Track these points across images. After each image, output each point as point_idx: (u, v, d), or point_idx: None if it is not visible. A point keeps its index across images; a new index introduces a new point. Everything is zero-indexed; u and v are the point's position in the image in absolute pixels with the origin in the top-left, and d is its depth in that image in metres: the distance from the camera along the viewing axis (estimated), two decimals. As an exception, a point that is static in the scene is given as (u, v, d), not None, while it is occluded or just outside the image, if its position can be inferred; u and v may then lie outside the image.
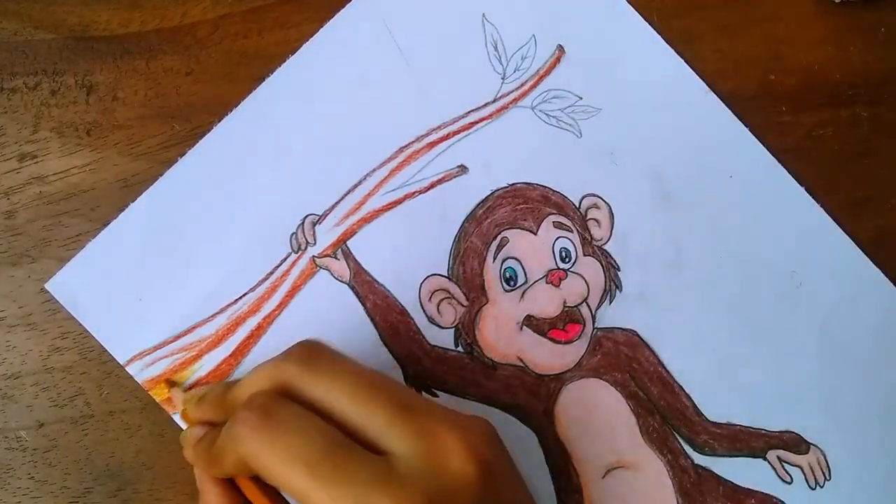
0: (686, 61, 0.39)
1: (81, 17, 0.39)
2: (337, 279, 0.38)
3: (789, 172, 0.39)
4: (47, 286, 0.37)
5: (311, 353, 0.30)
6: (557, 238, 0.39)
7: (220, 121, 0.38)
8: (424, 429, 0.28)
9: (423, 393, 0.37)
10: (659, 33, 0.39)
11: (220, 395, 0.32)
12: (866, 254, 0.39)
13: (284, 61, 0.39)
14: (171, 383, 0.37)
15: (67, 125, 0.38)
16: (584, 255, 0.39)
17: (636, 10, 0.39)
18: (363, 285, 0.38)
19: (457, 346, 0.38)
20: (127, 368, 0.37)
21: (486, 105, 0.39)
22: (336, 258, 0.38)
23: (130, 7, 0.39)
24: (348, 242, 0.38)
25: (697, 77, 0.39)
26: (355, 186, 0.38)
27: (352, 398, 0.28)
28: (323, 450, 0.27)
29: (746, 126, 0.39)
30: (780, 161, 0.39)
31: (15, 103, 0.38)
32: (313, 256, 0.38)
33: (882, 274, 0.39)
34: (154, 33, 0.39)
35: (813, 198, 0.39)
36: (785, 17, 0.40)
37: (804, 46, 0.40)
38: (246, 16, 0.39)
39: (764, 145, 0.39)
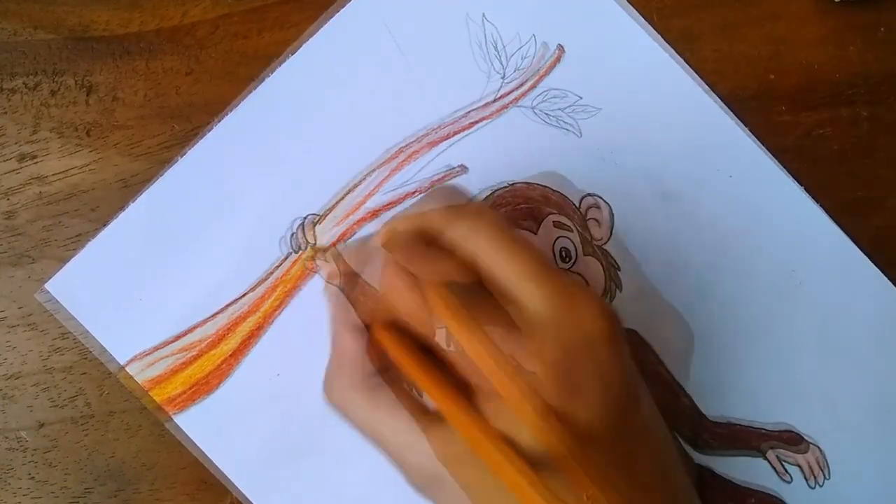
0: (686, 61, 0.39)
1: (81, 18, 0.39)
2: (328, 282, 0.38)
3: (789, 172, 0.39)
4: (47, 286, 0.37)
5: (453, 196, 0.30)
6: (557, 238, 0.38)
7: (219, 121, 0.38)
8: (558, 285, 0.28)
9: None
10: (659, 33, 0.39)
11: (359, 246, 0.33)
12: (866, 254, 0.39)
13: (284, 61, 0.39)
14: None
15: (67, 125, 0.38)
16: (585, 254, 0.38)
17: (636, 9, 0.39)
18: (353, 288, 0.38)
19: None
20: (127, 369, 0.37)
21: (486, 105, 0.39)
22: (326, 260, 0.38)
23: (130, 7, 0.39)
24: (338, 246, 0.38)
25: (697, 77, 0.39)
26: (355, 186, 0.38)
27: (492, 244, 0.28)
28: (460, 301, 0.27)
29: (746, 126, 0.39)
30: (779, 161, 0.39)
31: (15, 103, 0.38)
32: (311, 257, 0.38)
33: (881, 273, 0.39)
34: (154, 33, 0.39)
35: (812, 197, 0.39)
36: (785, 16, 0.40)
37: (804, 46, 0.40)
38: (246, 16, 0.39)
39: (763, 145, 0.39)
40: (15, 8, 0.39)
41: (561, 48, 0.39)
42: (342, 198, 0.38)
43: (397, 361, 0.30)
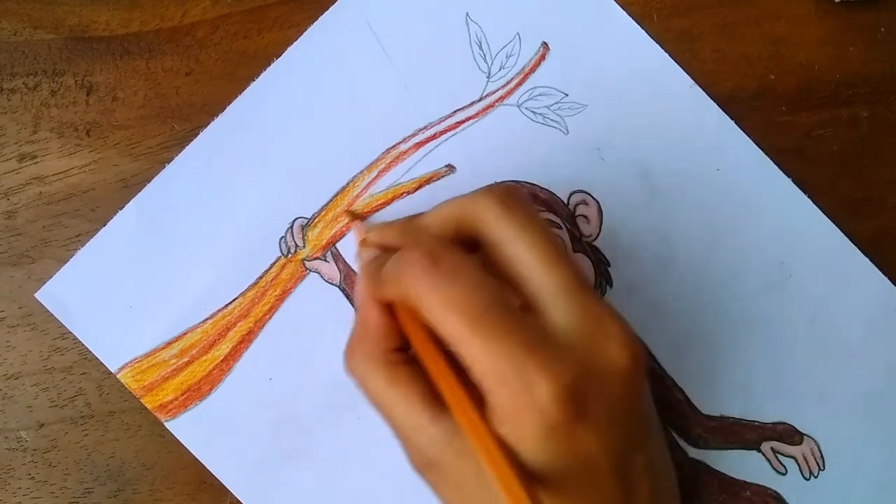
0: (686, 61, 0.39)
1: (81, 18, 0.39)
2: (327, 282, 0.38)
3: (789, 172, 0.39)
4: (37, 296, 0.37)
5: (508, 194, 0.29)
6: (548, 235, 0.38)
7: (205, 127, 0.38)
8: (591, 308, 0.28)
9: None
10: (658, 33, 0.39)
11: (404, 223, 0.32)
12: (866, 254, 0.39)
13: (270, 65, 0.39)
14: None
15: (67, 125, 0.38)
16: (574, 251, 0.38)
17: (634, 9, 0.39)
18: (353, 287, 0.38)
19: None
20: (118, 376, 0.37)
21: (472, 104, 0.39)
22: (325, 260, 0.38)
23: (130, 7, 0.39)
24: (338, 244, 0.38)
25: (682, 70, 0.39)
26: (344, 188, 0.38)
27: (533, 253, 0.28)
28: (485, 305, 0.27)
29: (746, 126, 0.39)
30: (779, 161, 0.39)
31: (15, 103, 0.38)
32: (303, 259, 0.38)
33: (872, 265, 0.39)
34: (154, 33, 0.39)
35: (809, 196, 0.39)
36: (785, 17, 0.40)
37: (804, 46, 0.40)
38: (246, 16, 0.39)
39: (763, 145, 0.39)
40: (15, 8, 0.39)
41: (545, 46, 0.39)
42: (331, 200, 0.38)
43: (415, 346, 0.30)
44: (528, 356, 0.26)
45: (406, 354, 0.30)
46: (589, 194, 0.39)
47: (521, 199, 0.30)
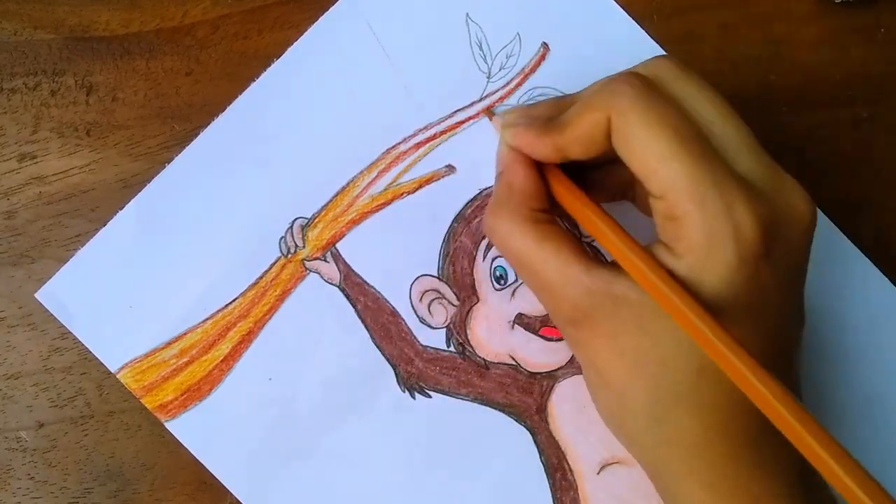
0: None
1: (81, 18, 0.39)
2: (327, 282, 0.38)
3: (789, 172, 0.39)
4: (37, 296, 0.37)
5: (676, 61, 0.30)
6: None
7: (204, 128, 0.38)
8: (773, 163, 0.29)
9: (417, 395, 0.37)
10: (659, 33, 0.39)
11: (558, 99, 0.33)
12: (865, 254, 0.39)
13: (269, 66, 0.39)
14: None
15: (67, 125, 0.38)
16: None
17: (634, 10, 0.39)
18: (353, 287, 0.38)
19: (448, 346, 0.38)
20: (118, 376, 0.37)
21: (472, 104, 0.39)
22: (325, 261, 0.38)
23: (130, 7, 0.39)
24: (337, 244, 0.38)
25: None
26: (343, 188, 0.38)
27: (717, 107, 0.28)
28: (695, 133, 0.27)
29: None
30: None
31: (15, 103, 0.38)
32: (303, 259, 0.38)
33: (874, 266, 0.39)
34: (154, 33, 0.39)
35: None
36: (785, 17, 0.40)
37: (804, 47, 0.40)
38: (246, 16, 0.39)
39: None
40: (15, 8, 0.39)
41: (545, 46, 0.39)
42: (330, 200, 0.38)
43: (568, 204, 0.30)
44: (732, 183, 0.27)
45: (551, 214, 0.31)
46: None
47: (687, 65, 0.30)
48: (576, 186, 0.30)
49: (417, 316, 0.38)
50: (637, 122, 0.27)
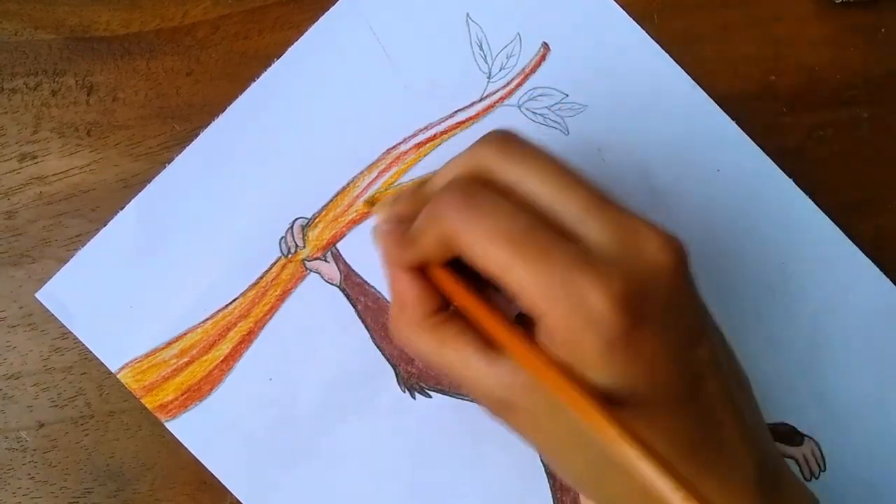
0: (686, 62, 0.39)
1: (82, 18, 0.39)
2: (327, 282, 0.38)
3: (789, 173, 0.39)
4: (38, 296, 0.37)
5: (506, 138, 0.29)
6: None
7: (205, 128, 0.38)
8: (621, 218, 0.28)
9: (417, 394, 0.37)
10: (659, 34, 0.39)
11: (414, 189, 0.32)
12: (866, 254, 0.39)
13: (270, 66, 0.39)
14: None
15: (68, 125, 0.38)
16: None
17: (635, 10, 0.39)
18: (354, 287, 0.38)
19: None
20: (119, 376, 0.37)
21: (472, 104, 0.39)
22: (326, 261, 0.38)
23: (131, 7, 0.39)
24: (338, 244, 0.38)
25: (683, 71, 0.39)
26: (344, 188, 0.38)
27: (548, 184, 0.28)
28: (525, 229, 0.26)
29: (747, 127, 0.39)
30: (780, 162, 0.39)
31: (15, 103, 0.38)
32: (304, 259, 0.38)
33: (873, 265, 0.39)
34: (154, 34, 0.39)
35: (810, 197, 0.39)
36: (785, 17, 0.40)
37: (804, 47, 0.40)
38: (246, 16, 0.39)
39: (764, 146, 0.39)
40: (16, 8, 0.39)
41: (546, 46, 0.39)
42: (331, 200, 0.38)
43: (455, 299, 0.30)
44: (576, 271, 0.26)
45: (447, 313, 0.30)
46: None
47: (518, 137, 0.29)
48: (458, 281, 0.29)
49: (418, 316, 0.38)
50: (469, 242, 0.27)
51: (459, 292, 0.29)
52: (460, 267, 0.29)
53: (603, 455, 0.26)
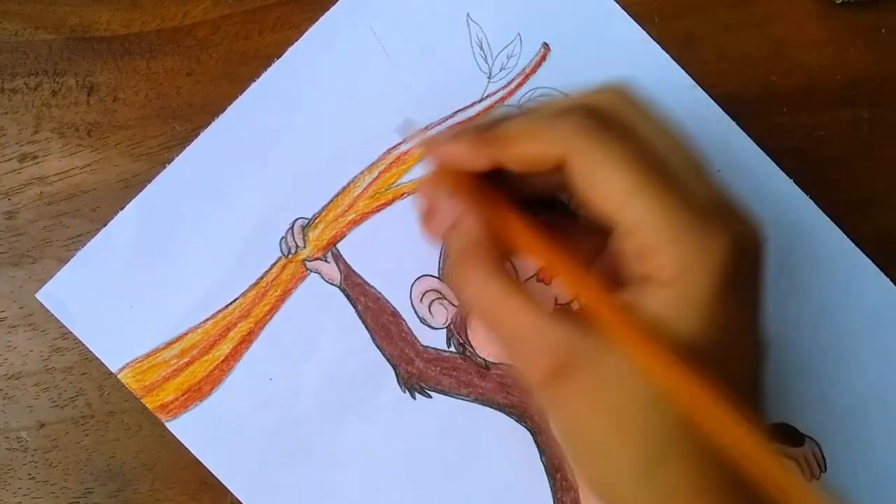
0: (686, 62, 0.39)
1: (82, 18, 0.39)
2: (328, 282, 0.38)
3: (790, 173, 0.39)
4: (38, 296, 0.37)
5: (629, 85, 0.29)
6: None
7: (205, 128, 0.38)
8: (723, 190, 0.28)
9: (417, 395, 0.37)
10: (659, 34, 0.39)
11: (502, 117, 0.30)
12: (867, 255, 0.39)
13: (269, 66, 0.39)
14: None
15: (68, 126, 0.38)
16: None
17: (635, 10, 0.39)
18: (354, 288, 0.38)
19: (449, 346, 0.38)
20: (119, 376, 0.37)
21: (472, 105, 0.39)
22: (326, 261, 0.38)
23: (131, 7, 0.39)
24: (338, 245, 0.38)
25: (683, 72, 0.39)
26: (344, 189, 0.38)
27: (668, 134, 0.28)
28: (657, 165, 0.26)
29: (747, 127, 0.39)
30: (780, 162, 0.39)
31: (16, 104, 0.39)
32: (304, 260, 0.38)
33: (875, 266, 0.39)
34: (155, 34, 0.39)
35: (811, 197, 0.39)
36: (785, 17, 0.40)
37: (805, 47, 0.40)
38: (246, 16, 0.39)
39: (765, 146, 0.39)
40: (16, 8, 0.39)
41: (546, 46, 0.39)
42: (331, 200, 0.38)
43: (529, 247, 0.29)
44: (704, 212, 0.26)
45: (509, 267, 0.30)
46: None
47: (639, 88, 0.29)
48: (540, 235, 0.28)
49: (418, 316, 0.38)
50: (599, 162, 0.26)
51: (538, 240, 0.28)
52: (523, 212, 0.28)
53: (669, 437, 0.25)
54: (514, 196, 0.30)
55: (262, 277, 0.38)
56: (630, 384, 0.26)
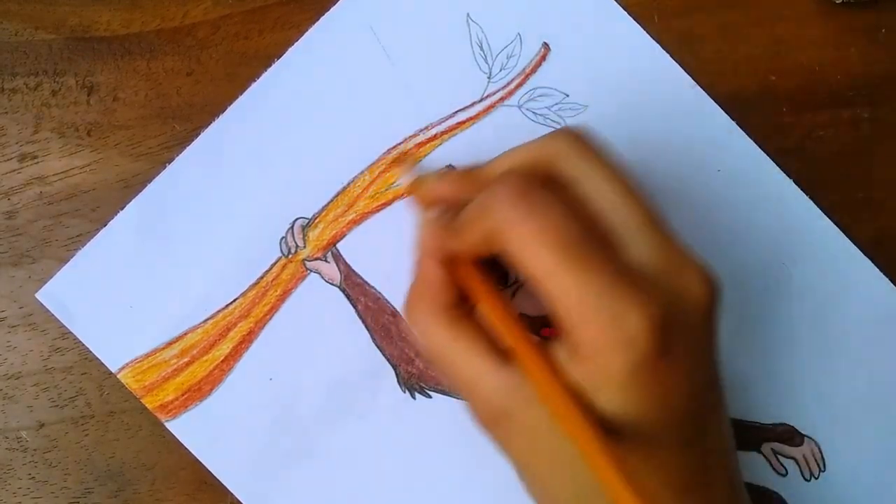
0: (686, 62, 0.39)
1: (82, 18, 0.39)
2: (328, 282, 0.38)
3: (790, 173, 0.39)
4: (38, 296, 0.37)
5: (580, 134, 0.29)
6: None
7: (205, 128, 0.38)
8: (670, 243, 0.27)
9: (417, 395, 0.37)
10: (659, 34, 0.39)
11: (465, 173, 0.31)
12: (866, 255, 0.39)
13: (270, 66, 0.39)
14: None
15: (68, 125, 0.38)
16: None
17: (635, 10, 0.39)
18: (354, 287, 0.38)
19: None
20: (119, 376, 0.37)
21: (472, 105, 0.39)
22: (326, 261, 0.38)
23: (131, 7, 0.39)
24: (338, 244, 0.38)
25: (683, 71, 0.39)
26: (344, 188, 0.38)
27: (611, 189, 0.28)
28: (577, 236, 0.26)
29: (747, 127, 0.39)
30: (780, 162, 0.39)
31: (16, 103, 0.38)
32: (304, 260, 0.38)
33: (873, 266, 0.39)
34: (155, 34, 0.39)
35: (810, 197, 0.39)
36: (785, 17, 0.40)
37: (805, 47, 0.40)
38: (246, 16, 0.39)
39: (764, 146, 0.39)
40: (16, 8, 0.39)
41: (546, 46, 0.39)
42: (331, 200, 0.38)
43: (477, 298, 0.30)
44: (620, 288, 0.26)
45: (464, 309, 0.30)
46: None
47: (592, 136, 0.29)
48: (485, 280, 0.29)
49: (418, 316, 0.38)
50: (516, 239, 0.27)
51: (483, 291, 0.29)
52: (482, 266, 0.29)
53: (593, 486, 0.26)
54: None
55: (262, 277, 0.38)
56: (562, 437, 0.26)
